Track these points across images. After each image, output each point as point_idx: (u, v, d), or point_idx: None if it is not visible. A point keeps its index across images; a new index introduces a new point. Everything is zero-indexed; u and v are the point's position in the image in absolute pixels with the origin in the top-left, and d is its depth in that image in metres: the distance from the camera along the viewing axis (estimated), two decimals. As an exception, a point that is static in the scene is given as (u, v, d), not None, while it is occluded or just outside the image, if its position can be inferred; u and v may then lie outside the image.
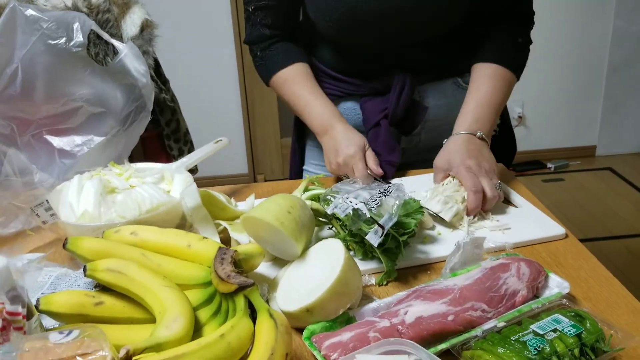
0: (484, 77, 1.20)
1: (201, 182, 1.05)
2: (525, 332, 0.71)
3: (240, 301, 0.72)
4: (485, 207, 1.05)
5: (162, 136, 1.91)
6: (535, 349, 0.68)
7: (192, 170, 2.07)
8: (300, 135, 1.43)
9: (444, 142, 1.15)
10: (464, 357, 0.71)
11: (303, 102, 1.24)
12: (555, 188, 3.35)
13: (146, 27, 1.64)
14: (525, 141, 3.56)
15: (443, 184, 1.09)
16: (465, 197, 1.04)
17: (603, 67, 3.55)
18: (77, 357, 0.53)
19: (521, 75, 1.25)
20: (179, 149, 1.93)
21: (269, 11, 1.25)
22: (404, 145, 1.31)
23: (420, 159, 1.30)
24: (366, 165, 1.15)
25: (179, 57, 3.13)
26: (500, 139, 1.36)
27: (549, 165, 3.55)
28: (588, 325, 0.71)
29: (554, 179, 3.45)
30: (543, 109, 3.57)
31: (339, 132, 1.18)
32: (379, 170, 1.14)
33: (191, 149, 1.94)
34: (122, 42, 1.53)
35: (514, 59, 1.23)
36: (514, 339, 0.71)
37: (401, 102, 1.23)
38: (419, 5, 1.15)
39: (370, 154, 1.17)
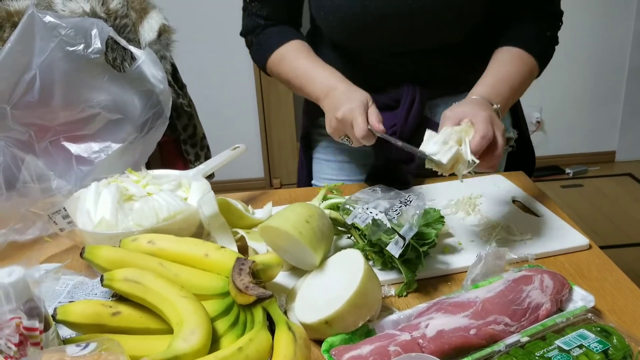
0: (507, 57, 1.12)
1: (217, 187, 1.04)
2: (550, 348, 0.69)
3: (258, 313, 0.71)
4: (490, 160, 0.93)
5: (179, 141, 1.91)
6: (561, 365, 0.66)
7: (209, 176, 2.07)
8: (307, 147, 1.36)
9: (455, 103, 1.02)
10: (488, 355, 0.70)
11: (302, 72, 1.14)
12: (574, 194, 3.30)
13: (164, 32, 1.64)
14: (544, 146, 3.51)
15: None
16: (469, 141, 0.91)
17: (624, 71, 3.50)
18: (94, 372, 0.52)
19: (540, 76, 1.18)
20: (195, 154, 1.93)
21: (266, 2, 1.19)
22: (418, 161, 1.22)
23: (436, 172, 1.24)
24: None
25: (195, 62, 3.14)
26: (519, 150, 1.32)
27: (568, 170, 3.50)
28: (615, 341, 0.69)
29: (572, 184, 3.40)
30: (562, 113, 3.52)
31: (340, 91, 1.07)
32: (380, 127, 1.00)
33: (208, 154, 1.93)
34: (140, 47, 1.53)
35: (540, 49, 1.15)
36: (538, 354, 0.69)
37: (410, 117, 1.17)
38: (431, 6, 1.08)
39: (373, 110, 1.03)
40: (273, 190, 1.22)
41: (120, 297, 0.77)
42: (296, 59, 1.16)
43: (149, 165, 1.84)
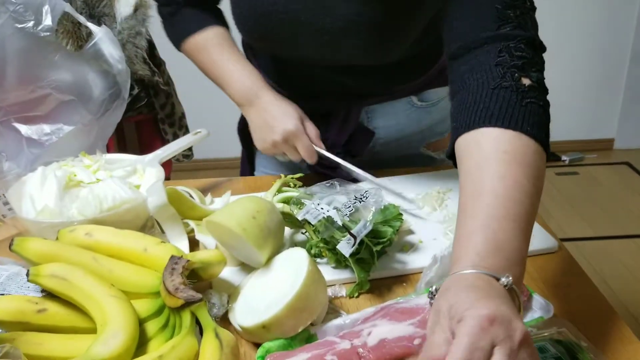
0: (484, 162, 0.65)
1: (196, 165, 1.00)
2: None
3: (186, 317, 0.67)
4: None
5: (156, 120, 1.87)
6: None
7: (187, 156, 2.03)
8: (247, 140, 1.23)
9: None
10: None
11: (221, 69, 1.06)
12: (568, 182, 3.24)
13: (140, 7, 1.59)
14: (541, 132, 3.45)
15: None
16: None
17: (625, 57, 3.41)
18: (-19, 386, 0.48)
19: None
20: (173, 133, 1.89)
21: None
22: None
23: (383, 166, 1.16)
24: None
25: None
26: None
27: (564, 157, 3.44)
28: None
29: (568, 172, 3.34)
30: (560, 99, 3.42)
31: (268, 102, 1.01)
32: (321, 144, 1.01)
33: (187, 134, 1.89)
34: (115, 22, 1.48)
35: (528, 116, 0.68)
36: None
37: (344, 132, 1.09)
38: (348, 34, 0.94)
39: (309, 126, 1.01)
40: (236, 178, 1.18)
41: (50, 294, 0.73)
42: (215, 53, 1.07)
43: (125, 146, 1.81)
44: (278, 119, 1.00)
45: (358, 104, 1.09)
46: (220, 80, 1.07)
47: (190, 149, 1.93)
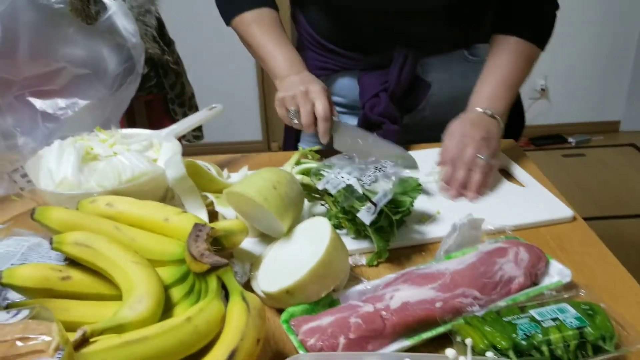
0: (502, 52, 1.10)
1: (211, 149, 1.00)
2: (522, 316, 0.66)
3: (212, 282, 0.67)
4: (465, 187, 1.01)
5: (166, 100, 1.87)
6: (525, 334, 0.63)
7: (198, 137, 2.03)
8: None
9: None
10: (452, 330, 0.67)
11: (269, 47, 1.13)
12: (575, 163, 3.24)
13: (149, -15, 1.58)
14: (547, 114, 3.44)
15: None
16: None
17: (633, 39, 3.39)
18: (17, 342, 0.49)
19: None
20: (183, 113, 1.89)
21: None
22: (407, 121, 1.22)
23: (424, 136, 1.21)
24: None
25: (185, 17, 2.96)
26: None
27: (570, 140, 3.43)
28: (597, 321, 0.65)
29: (574, 154, 3.34)
30: (567, 81, 3.43)
31: (305, 75, 1.11)
32: (326, 116, 1.06)
33: (197, 113, 1.88)
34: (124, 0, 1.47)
35: (537, 31, 1.12)
36: (507, 319, 0.66)
37: (402, 79, 1.15)
38: None
39: (330, 102, 1.08)
40: (252, 154, 1.18)
41: (73, 262, 0.73)
42: (262, 29, 1.14)
43: (135, 125, 1.81)
44: (308, 79, 1.09)
45: (413, 54, 1.14)
46: (265, 57, 1.14)
47: (200, 129, 1.93)
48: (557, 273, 0.77)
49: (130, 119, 1.77)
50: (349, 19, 1.17)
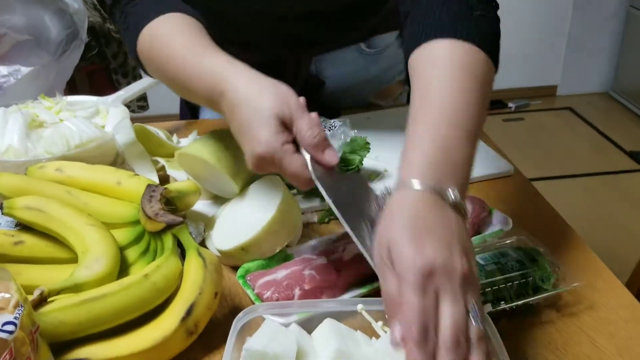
0: (436, 71, 0.66)
1: (156, 120, 0.99)
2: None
3: (168, 240, 0.68)
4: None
5: (109, 70, 1.82)
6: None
7: (143, 107, 2.00)
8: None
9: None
10: None
11: (180, 59, 0.74)
12: (515, 127, 3.36)
13: (86, -50, 1.53)
14: (489, 80, 3.53)
15: None
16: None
17: (568, 6, 3.50)
18: (-24, 300, 0.49)
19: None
20: (127, 83, 1.85)
21: None
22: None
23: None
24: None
25: None
26: None
27: (510, 104, 3.55)
28: (537, 264, 0.70)
29: (514, 118, 3.45)
30: (505, 48, 3.46)
31: (240, 99, 0.66)
32: (330, 159, 0.66)
33: (141, 84, 1.85)
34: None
35: (478, 28, 0.70)
36: None
37: (297, 80, 1.06)
38: None
39: (303, 116, 0.65)
40: (201, 119, 1.18)
41: (25, 227, 0.73)
42: (170, 38, 0.76)
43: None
44: (254, 125, 0.65)
45: (307, 53, 1.07)
46: (180, 76, 0.75)
47: (145, 99, 1.90)
48: (499, 222, 0.82)
49: (73, 91, 1.72)
50: (227, 19, 0.96)
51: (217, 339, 0.65)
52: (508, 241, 0.75)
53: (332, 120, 0.91)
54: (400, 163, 0.61)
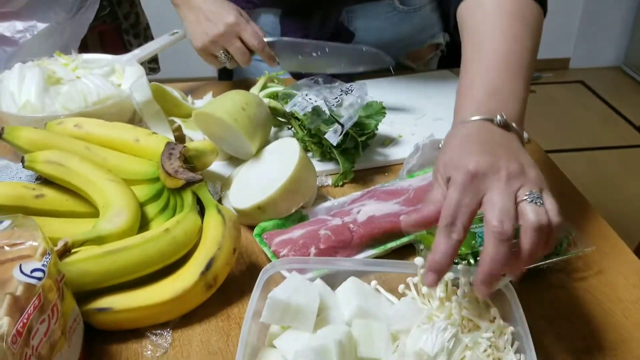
0: (487, 19, 0.70)
1: (165, 83, 0.99)
2: (481, 225, 0.71)
3: (188, 197, 0.69)
4: (530, 255, 0.52)
5: (120, 31, 1.81)
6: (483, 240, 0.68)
7: (154, 69, 1.99)
8: None
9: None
10: (416, 239, 0.71)
11: None
12: (526, 100, 3.34)
13: None
14: (500, 51, 3.49)
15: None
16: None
17: (584, -23, 3.45)
18: (5, 247, 0.50)
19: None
20: (139, 44, 1.84)
21: None
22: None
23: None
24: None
25: None
26: (450, 55, 1.24)
27: (522, 76, 3.51)
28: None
29: (525, 90, 3.43)
30: (520, 18, 3.47)
31: (206, 8, 0.98)
32: (261, 45, 0.98)
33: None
34: None
35: None
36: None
37: (325, 29, 1.06)
38: None
39: (251, 22, 0.98)
40: (215, 81, 1.18)
41: (45, 181, 0.74)
42: None
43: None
44: (217, 13, 0.97)
45: (339, 2, 1.06)
46: None
47: (157, 61, 1.90)
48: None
49: (84, 50, 1.72)
50: None
51: (234, 293, 0.67)
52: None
53: (349, 84, 0.91)
54: (454, 107, 0.65)
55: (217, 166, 0.89)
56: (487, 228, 0.51)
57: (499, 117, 0.59)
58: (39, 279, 0.49)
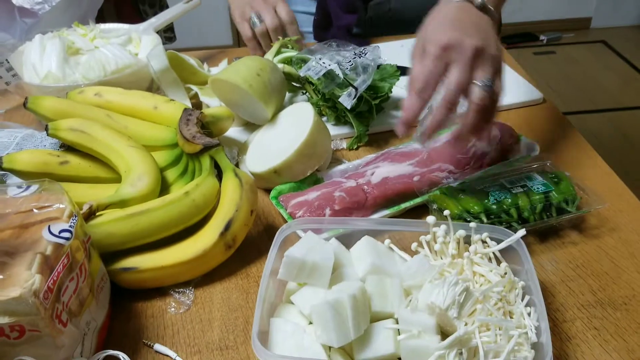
0: None
1: (181, 52, 1.00)
2: (493, 184, 0.72)
3: (206, 161, 0.71)
4: (466, 131, 0.66)
5: (135, 0, 1.82)
6: (495, 199, 0.69)
7: (170, 38, 2.00)
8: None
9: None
10: (429, 199, 0.73)
11: None
12: (545, 61, 3.28)
13: None
14: (519, 12, 3.43)
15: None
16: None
17: None
18: (34, 210, 0.53)
19: None
20: (154, 13, 1.85)
21: None
22: (372, 14, 1.17)
23: (391, 34, 1.15)
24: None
25: None
26: None
27: (542, 37, 3.45)
28: (562, 186, 0.72)
29: (545, 51, 3.37)
30: (539, -24, 3.40)
31: None
32: (291, 18, 1.05)
33: (168, 15, 1.84)
34: None
35: None
36: (479, 188, 0.71)
37: None
38: None
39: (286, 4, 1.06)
40: (230, 48, 1.18)
41: (69, 148, 0.77)
42: None
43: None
44: None
45: None
46: None
47: (172, 30, 1.90)
48: (527, 148, 0.83)
49: (100, 20, 1.73)
50: None
51: (252, 253, 0.69)
52: (535, 166, 0.77)
53: (362, 47, 0.92)
54: None
55: (234, 132, 0.91)
56: (443, 93, 0.64)
57: (478, 1, 0.68)
58: (67, 239, 0.51)
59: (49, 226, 0.51)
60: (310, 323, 0.55)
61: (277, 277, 0.58)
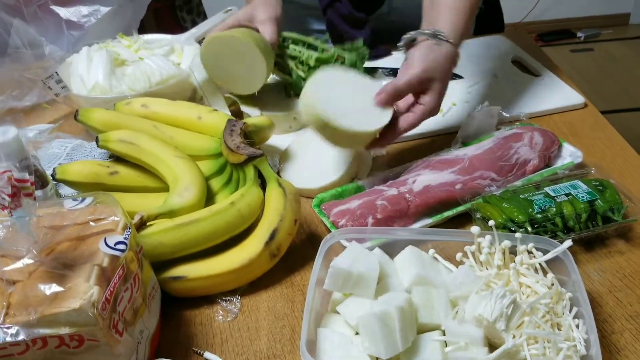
0: None
1: None
2: (537, 193, 0.71)
3: (250, 171, 0.73)
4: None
5: (174, 8, 1.85)
6: (540, 208, 0.69)
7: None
8: None
9: None
10: (472, 208, 0.73)
11: None
12: (583, 58, 3.22)
13: None
14: (556, 8, 3.36)
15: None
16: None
17: None
18: (90, 222, 0.55)
19: None
20: (192, 21, 1.88)
21: None
22: (374, 26, 1.13)
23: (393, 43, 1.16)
24: None
25: None
26: (488, 12, 1.22)
27: (579, 34, 3.38)
28: (607, 195, 0.71)
29: (583, 49, 3.30)
30: (577, -27, 3.33)
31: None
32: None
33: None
34: None
35: None
36: (523, 197, 0.71)
37: None
38: None
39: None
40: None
41: (117, 159, 0.79)
42: None
43: (145, 33, 1.81)
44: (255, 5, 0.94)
45: None
46: None
47: (210, 35, 1.93)
48: (570, 155, 0.82)
49: (141, 29, 1.77)
50: None
51: (297, 261, 0.71)
52: (578, 173, 0.76)
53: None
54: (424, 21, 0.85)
55: (274, 139, 0.92)
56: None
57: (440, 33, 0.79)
58: (122, 250, 0.53)
59: (105, 238, 0.53)
60: (357, 333, 0.56)
61: (323, 288, 0.59)
